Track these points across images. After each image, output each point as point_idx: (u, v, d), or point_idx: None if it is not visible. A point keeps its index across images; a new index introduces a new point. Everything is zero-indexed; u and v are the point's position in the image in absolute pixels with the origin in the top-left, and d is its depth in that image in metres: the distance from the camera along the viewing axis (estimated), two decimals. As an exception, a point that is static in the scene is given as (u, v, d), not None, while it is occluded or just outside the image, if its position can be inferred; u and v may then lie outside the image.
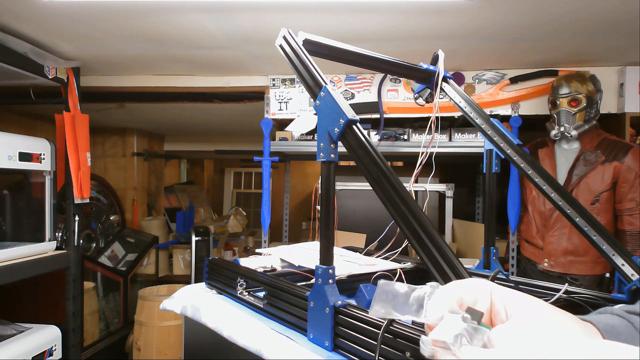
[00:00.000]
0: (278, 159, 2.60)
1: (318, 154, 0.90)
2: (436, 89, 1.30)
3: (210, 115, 3.53)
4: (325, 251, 0.89)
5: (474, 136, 2.49)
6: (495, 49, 2.18)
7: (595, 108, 2.16)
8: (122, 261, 3.70)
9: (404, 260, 1.43)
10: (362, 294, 1.13)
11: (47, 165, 2.22)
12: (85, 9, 1.76)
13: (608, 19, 1.78)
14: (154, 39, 2.09)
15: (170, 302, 1.36)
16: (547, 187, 1.16)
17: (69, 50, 2.28)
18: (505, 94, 2.49)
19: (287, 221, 3.28)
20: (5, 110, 3.33)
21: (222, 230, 4.35)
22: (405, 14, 1.77)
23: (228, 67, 2.59)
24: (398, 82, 2.60)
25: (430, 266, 0.66)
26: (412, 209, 0.71)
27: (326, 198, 0.89)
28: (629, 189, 2.09)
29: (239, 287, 1.20)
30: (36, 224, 2.26)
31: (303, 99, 2.68)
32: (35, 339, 2.06)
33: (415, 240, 0.69)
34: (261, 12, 1.78)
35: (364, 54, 1.15)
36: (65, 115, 2.33)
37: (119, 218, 4.20)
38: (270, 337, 0.97)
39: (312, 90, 0.93)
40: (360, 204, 3.06)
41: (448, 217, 3.05)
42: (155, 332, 3.05)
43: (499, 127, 1.26)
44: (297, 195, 6.62)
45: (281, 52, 1.04)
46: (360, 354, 0.80)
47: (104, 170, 4.31)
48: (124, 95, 2.98)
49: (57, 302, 2.48)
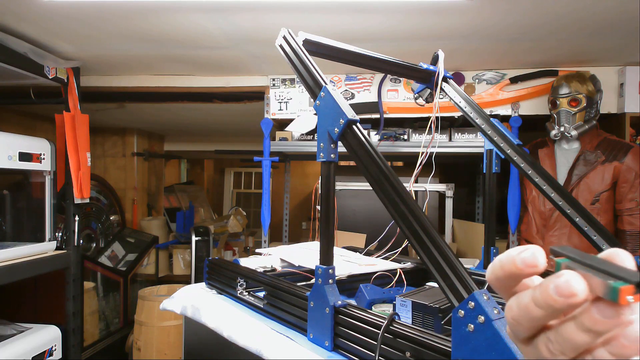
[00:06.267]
0: (278, 159, 2.60)
1: (318, 154, 0.90)
2: (436, 89, 1.30)
3: (210, 115, 3.53)
4: (325, 251, 0.89)
5: (474, 136, 2.49)
6: (495, 49, 2.18)
7: (595, 108, 2.16)
8: (122, 261, 3.70)
9: (404, 260, 1.43)
10: (362, 294, 1.13)
11: (47, 165, 2.22)
12: (85, 9, 1.76)
13: (608, 19, 1.78)
14: (154, 39, 2.09)
15: (170, 302, 1.36)
16: (547, 187, 1.16)
17: (69, 50, 2.28)
18: (505, 94, 2.49)
19: (287, 221, 3.28)
20: (5, 110, 3.33)
21: (222, 230, 4.35)
22: (405, 14, 1.77)
23: (228, 67, 2.59)
24: (398, 82, 2.60)
25: (430, 266, 0.66)
26: (412, 209, 0.71)
27: (326, 198, 0.89)
28: (629, 189, 2.09)
29: (239, 287, 1.20)
30: (36, 224, 2.26)
31: (303, 99, 2.68)
32: (35, 339, 2.06)
33: (415, 240, 0.69)
34: (261, 12, 1.78)
35: (364, 54, 1.15)
36: (65, 115, 2.33)
37: (119, 218, 4.20)
38: (270, 337, 0.97)
39: (312, 90, 0.93)
40: (360, 204, 3.06)
41: (448, 217, 3.05)
42: (155, 332, 3.05)
43: (499, 127, 1.26)
44: (297, 195, 6.62)
45: (281, 52, 1.04)
46: (360, 354, 0.80)
47: (104, 170, 4.31)
48: (124, 95, 2.98)
49: (57, 302, 2.48)
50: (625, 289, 0.28)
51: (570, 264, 0.31)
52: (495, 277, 0.36)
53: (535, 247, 0.33)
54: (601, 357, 0.31)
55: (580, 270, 0.30)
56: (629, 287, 0.28)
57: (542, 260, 0.33)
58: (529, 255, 0.33)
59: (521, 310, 0.33)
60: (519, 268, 0.33)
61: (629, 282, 0.28)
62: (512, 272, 0.34)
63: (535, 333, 0.34)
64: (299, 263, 1.30)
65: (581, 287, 0.29)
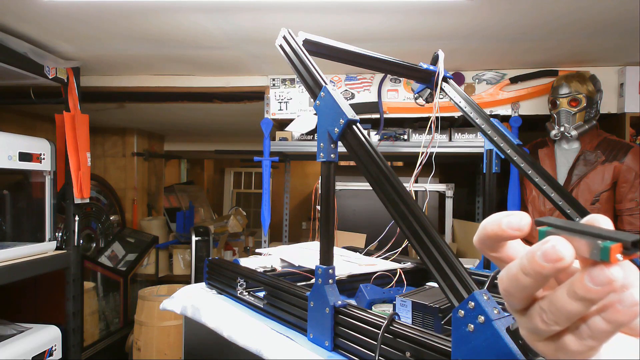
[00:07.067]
0: (278, 159, 2.60)
1: (318, 154, 0.90)
2: (436, 89, 1.30)
3: (210, 115, 3.53)
4: (325, 251, 0.89)
5: (474, 136, 2.49)
6: (495, 49, 2.18)
7: (595, 108, 2.16)
8: (122, 261, 3.70)
9: (404, 260, 1.43)
10: (362, 294, 1.13)
11: (47, 165, 2.22)
12: (85, 9, 1.76)
13: (608, 19, 1.78)
14: (154, 39, 2.09)
15: (170, 302, 1.36)
16: (547, 187, 1.16)
17: (69, 50, 2.28)
18: (505, 94, 2.50)
19: (287, 221, 3.28)
20: (5, 110, 3.33)
21: (222, 230, 4.35)
22: (405, 14, 1.77)
23: (228, 67, 2.59)
24: (398, 82, 2.60)
25: (430, 266, 0.66)
26: (412, 209, 0.71)
27: (326, 198, 0.89)
28: (629, 189, 2.09)
29: (239, 287, 1.20)
30: (36, 224, 2.26)
31: (303, 99, 2.68)
32: (35, 339, 2.06)
33: (415, 240, 0.69)
34: (261, 12, 1.78)
35: (364, 54, 1.15)
36: (65, 115, 2.33)
37: (119, 218, 4.20)
38: (270, 337, 0.97)
39: (312, 90, 0.93)
40: (360, 204, 3.06)
41: (448, 217, 3.05)
42: (155, 332, 3.05)
43: (499, 127, 1.26)
44: (297, 195, 6.62)
45: (281, 52, 1.04)
46: (360, 354, 0.80)
47: (104, 170, 4.31)
48: (124, 95, 2.98)
49: (57, 302, 2.48)
50: (615, 247, 0.28)
51: (554, 231, 0.31)
52: (479, 239, 0.36)
53: (522, 213, 0.33)
54: (596, 325, 0.30)
55: (565, 235, 0.30)
56: (617, 245, 0.28)
57: (526, 225, 0.33)
58: (515, 218, 0.33)
59: (511, 280, 0.32)
60: (502, 229, 0.33)
61: (617, 241, 0.28)
62: (496, 233, 0.34)
63: (528, 304, 0.33)
64: (299, 263, 1.30)
65: (568, 251, 0.29)
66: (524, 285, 0.32)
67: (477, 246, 0.37)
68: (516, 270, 0.32)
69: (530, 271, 0.31)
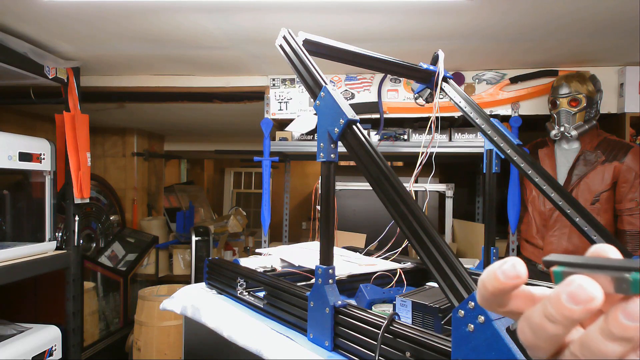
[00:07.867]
0: (278, 159, 2.60)
1: (318, 154, 0.90)
2: (436, 89, 1.30)
3: (210, 115, 3.53)
4: (325, 251, 0.89)
5: (474, 136, 2.49)
6: (495, 49, 2.18)
7: (595, 108, 2.16)
8: (122, 261, 3.70)
9: (404, 260, 1.43)
10: (362, 294, 1.13)
11: (47, 165, 2.22)
12: (85, 9, 1.76)
13: (608, 19, 1.78)
14: (154, 39, 2.09)
15: (170, 302, 1.36)
16: (547, 187, 1.16)
17: (69, 50, 2.28)
18: (505, 94, 2.49)
19: (287, 221, 3.28)
20: (5, 110, 3.33)
21: (222, 230, 4.35)
22: (405, 14, 1.77)
23: (228, 67, 2.59)
24: (398, 82, 2.60)
25: (430, 266, 0.66)
26: (412, 209, 0.71)
27: (326, 198, 0.89)
28: (629, 189, 2.09)
29: (239, 287, 1.20)
30: (36, 224, 2.26)
31: (303, 99, 2.68)
32: (35, 339, 2.06)
33: (415, 240, 0.69)
34: (261, 12, 1.78)
35: (364, 54, 1.15)
36: (65, 115, 2.33)
37: (119, 218, 4.20)
38: (270, 337, 0.97)
39: (312, 90, 0.93)
40: (360, 204, 3.06)
41: (448, 217, 3.05)
42: (155, 332, 3.05)
43: (499, 127, 1.26)
44: (297, 195, 6.62)
45: (281, 52, 1.04)
46: (360, 354, 0.80)
47: (104, 170, 4.31)
48: (124, 95, 2.98)
49: (57, 302, 2.48)
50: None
51: (570, 270, 0.29)
52: (483, 299, 0.34)
53: (513, 258, 0.31)
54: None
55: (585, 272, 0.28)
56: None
57: (523, 270, 0.31)
58: (509, 267, 0.31)
59: (535, 331, 0.30)
60: (502, 283, 0.31)
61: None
62: (498, 288, 0.32)
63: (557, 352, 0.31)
64: (299, 263, 1.30)
65: (597, 289, 0.27)
66: (552, 334, 0.29)
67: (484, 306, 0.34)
68: (539, 319, 0.30)
69: (558, 317, 0.28)
